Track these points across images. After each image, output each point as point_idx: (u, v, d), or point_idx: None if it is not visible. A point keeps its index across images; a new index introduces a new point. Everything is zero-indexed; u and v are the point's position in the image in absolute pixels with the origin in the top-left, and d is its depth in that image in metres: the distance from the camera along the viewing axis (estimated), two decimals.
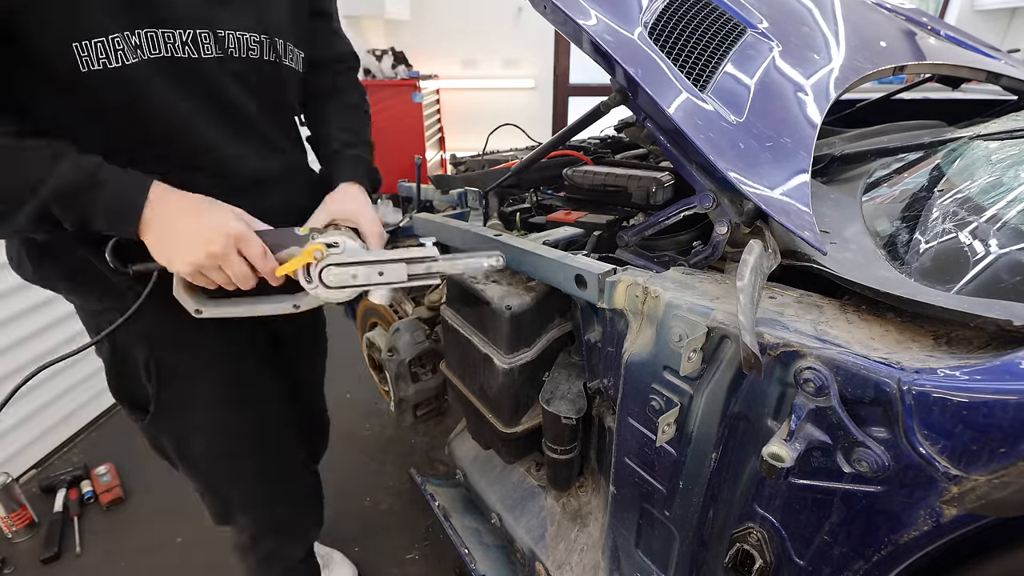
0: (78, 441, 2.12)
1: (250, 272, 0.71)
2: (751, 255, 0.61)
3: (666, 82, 0.75)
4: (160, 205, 0.67)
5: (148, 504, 1.81)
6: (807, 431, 0.53)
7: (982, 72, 1.25)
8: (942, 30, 1.35)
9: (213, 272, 0.70)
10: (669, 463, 0.72)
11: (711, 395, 0.64)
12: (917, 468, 0.49)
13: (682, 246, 0.86)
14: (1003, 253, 0.61)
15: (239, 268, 0.70)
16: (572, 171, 1.13)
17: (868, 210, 0.84)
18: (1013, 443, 0.44)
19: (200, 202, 0.70)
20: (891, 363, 0.50)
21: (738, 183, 0.67)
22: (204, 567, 1.58)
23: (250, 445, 0.95)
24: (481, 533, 1.22)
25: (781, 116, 0.81)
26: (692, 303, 0.64)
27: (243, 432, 0.94)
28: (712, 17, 0.88)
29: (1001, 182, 0.73)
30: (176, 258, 0.68)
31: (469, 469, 1.25)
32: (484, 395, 0.99)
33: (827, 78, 0.91)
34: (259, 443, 0.97)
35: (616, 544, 0.89)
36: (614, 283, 0.74)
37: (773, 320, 0.60)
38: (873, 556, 0.54)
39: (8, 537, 1.67)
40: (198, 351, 0.86)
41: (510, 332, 0.88)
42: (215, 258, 0.68)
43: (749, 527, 0.66)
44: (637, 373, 0.72)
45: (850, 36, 1.04)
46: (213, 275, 0.70)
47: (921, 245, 0.69)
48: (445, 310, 1.06)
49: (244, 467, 0.96)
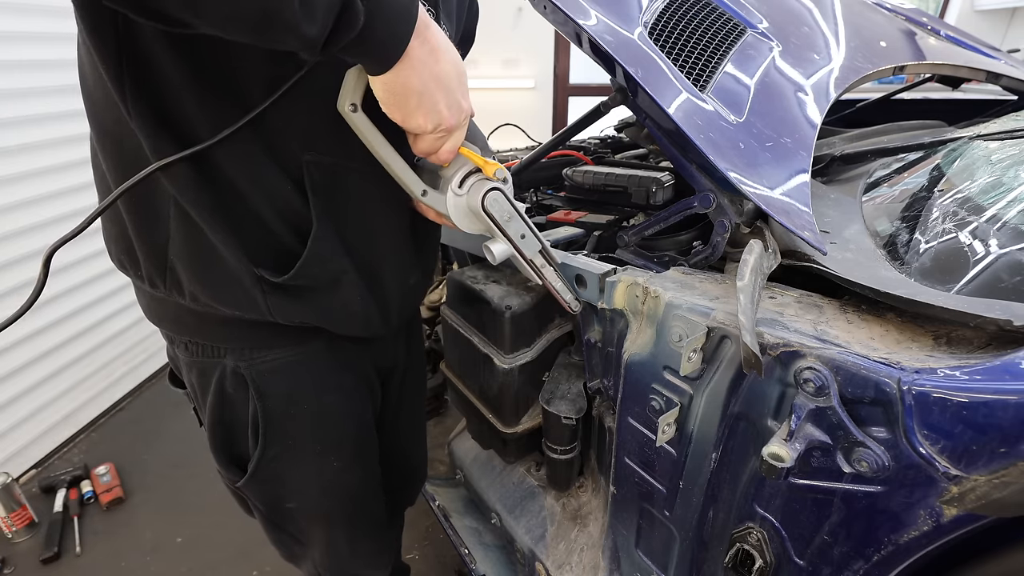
0: (78, 441, 2.12)
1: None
2: (751, 255, 0.61)
3: (666, 82, 0.75)
4: (425, 29, 0.52)
5: (148, 504, 1.81)
6: (807, 431, 0.53)
7: (982, 72, 1.25)
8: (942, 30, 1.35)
9: (434, 138, 0.59)
10: (669, 463, 0.72)
11: (711, 395, 0.64)
12: (917, 468, 0.49)
13: (682, 246, 0.86)
14: (1003, 253, 0.61)
15: (455, 143, 0.61)
16: (572, 171, 1.12)
17: (868, 210, 0.84)
18: (1013, 443, 0.43)
19: (452, 47, 0.57)
20: (891, 363, 0.50)
21: (738, 183, 0.67)
22: (204, 567, 1.58)
23: (347, 510, 0.87)
24: (481, 533, 1.22)
25: (781, 116, 0.81)
26: (692, 303, 0.64)
27: (343, 496, 0.85)
28: (712, 17, 0.88)
29: (1001, 182, 0.73)
30: (428, 107, 0.55)
31: (469, 469, 1.25)
32: (484, 395, 0.99)
33: (827, 78, 0.91)
34: (356, 507, 0.88)
35: (616, 544, 0.89)
36: (614, 283, 0.74)
37: (773, 320, 0.60)
38: (873, 556, 0.54)
39: (8, 537, 1.67)
40: (310, 407, 0.77)
41: (510, 332, 0.88)
42: (451, 128, 0.58)
43: (749, 527, 0.66)
44: (637, 373, 0.72)
45: (850, 36, 1.04)
46: (430, 141, 0.59)
47: (921, 245, 0.69)
48: (445, 310, 1.05)
49: (336, 534, 0.88)
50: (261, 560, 1.58)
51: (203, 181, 0.58)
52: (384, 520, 0.97)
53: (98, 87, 0.57)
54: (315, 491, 0.81)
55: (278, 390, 0.73)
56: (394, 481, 1.00)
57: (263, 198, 0.61)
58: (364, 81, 0.56)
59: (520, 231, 0.72)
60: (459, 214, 0.69)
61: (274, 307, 0.65)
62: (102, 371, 2.21)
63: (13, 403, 1.84)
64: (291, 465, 0.78)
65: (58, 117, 1.89)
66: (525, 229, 0.72)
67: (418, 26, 0.50)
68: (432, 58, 0.53)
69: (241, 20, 0.43)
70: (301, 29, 0.43)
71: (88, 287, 2.09)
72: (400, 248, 0.75)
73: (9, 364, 1.80)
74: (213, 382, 0.72)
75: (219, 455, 0.78)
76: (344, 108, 0.58)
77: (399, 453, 1.01)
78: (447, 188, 0.67)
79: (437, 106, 0.56)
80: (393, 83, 0.53)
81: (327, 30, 0.45)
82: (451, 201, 0.67)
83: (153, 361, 2.51)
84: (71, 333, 2.02)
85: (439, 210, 0.68)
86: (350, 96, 0.57)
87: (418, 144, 0.61)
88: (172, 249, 0.62)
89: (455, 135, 0.61)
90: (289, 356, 0.72)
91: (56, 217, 1.91)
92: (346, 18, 0.45)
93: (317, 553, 0.90)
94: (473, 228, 0.71)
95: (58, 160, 1.91)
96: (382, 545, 1.02)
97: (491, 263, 0.73)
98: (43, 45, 1.83)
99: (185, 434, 2.13)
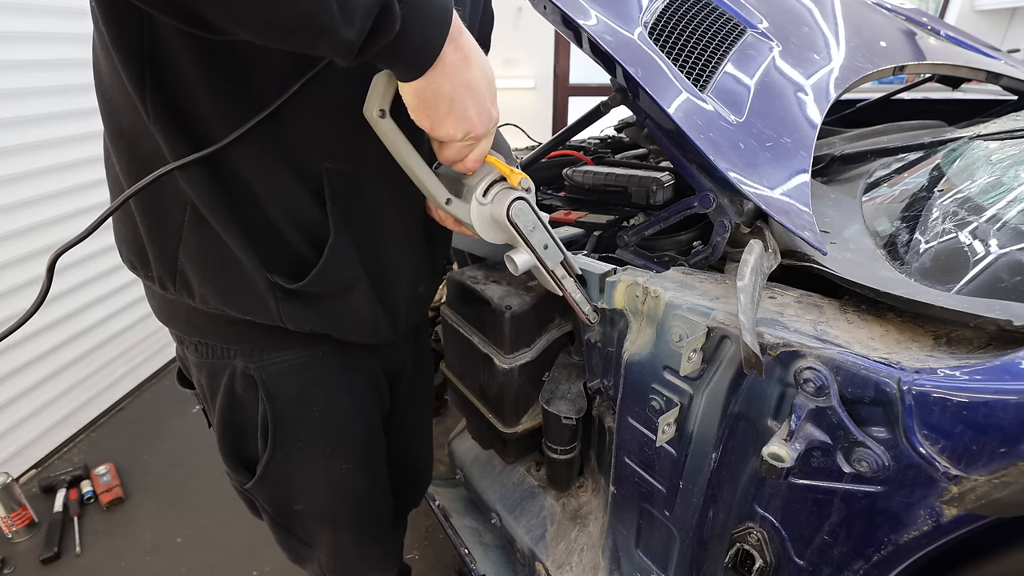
0: (78, 441, 2.12)
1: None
2: (751, 255, 0.61)
3: (666, 82, 0.75)
4: (459, 35, 0.51)
5: (148, 504, 1.81)
6: (807, 431, 0.53)
7: (982, 72, 1.25)
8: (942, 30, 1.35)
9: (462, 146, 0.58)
10: (669, 463, 0.72)
11: (711, 395, 0.64)
12: (917, 468, 0.49)
13: (682, 246, 0.86)
14: (1003, 253, 0.61)
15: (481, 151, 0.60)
16: (572, 171, 1.12)
17: (868, 210, 0.84)
18: (1013, 443, 0.43)
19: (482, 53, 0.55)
20: (891, 363, 0.50)
21: (738, 183, 0.67)
22: (204, 567, 1.58)
23: (355, 512, 0.87)
24: (481, 533, 1.22)
25: (781, 116, 0.81)
26: (692, 303, 0.64)
27: (351, 498, 0.85)
28: (712, 17, 0.88)
29: (1001, 182, 0.73)
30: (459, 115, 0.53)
31: (469, 469, 1.25)
32: (484, 395, 0.99)
33: (827, 78, 0.91)
34: (364, 509, 0.88)
35: (616, 544, 0.89)
36: (614, 283, 0.74)
37: (773, 320, 0.60)
38: (873, 556, 0.54)
39: (8, 537, 1.67)
40: (319, 409, 0.76)
41: (510, 332, 0.88)
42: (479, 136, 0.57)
43: (749, 527, 0.66)
44: (637, 373, 0.72)
45: (850, 36, 1.04)
46: (457, 149, 0.58)
47: (921, 245, 0.69)
48: (445, 310, 1.06)
49: (343, 536, 0.88)
50: (262, 560, 1.58)
51: (220, 185, 0.58)
52: (391, 523, 0.97)
53: (116, 88, 0.57)
54: (323, 493, 0.81)
55: (288, 392, 0.73)
56: (400, 483, 1.00)
57: (279, 204, 0.61)
58: (393, 86, 0.55)
59: (544, 241, 0.69)
60: (482, 223, 0.67)
61: (286, 314, 0.65)
62: (102, 371, 2.21)
63: (13, 403, 1.84)
64: (300, 467, 0.78)
65: (58, 117, 1.89)
66: (548, 239, 0.70)
67: (452, 31, 0.49)
68: (464, 64, 0.52)
69: (279, 25, 0.42)
70: (339, 34, 0.42)
71: (88, 287, 2.09)
72: (412, 256, 0.75)
73: (9, 364, 1.80)
74: (223, 383, 0.72)
75: (228, 457, 0.78)
76: (372, 114, 0.56)
77: (406, 455, 1.01)
78: (471, 197, 0.64)
79: (467, 113, 0.54)
80: (424, 90, 0.51)
81: (364, 34, 0.44)
82: (475, 210, 0.65)
83: (153, 361, 2.51)
84: (71, 333, 2.02)
85: (461, 219, 0.66)
86: (379, 102, 0.55)
87: (444, 152, 0.59)
88: (183, 252, 0.62)
89: (483, 143, 0.59)
90: (299, 358, 0.72)
91: (57, 217, 1.91)
92: (383, 22, 0.44)
93: (323, 555, 0.90)
94: (496, 238, 0.69)
95: (58, 160, 1.91)
96: (387, 548, 1.02)
97: (512, 273, 0.71)
98: (43, 45, 1.83)
99: (185, 434, 2.13)
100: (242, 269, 0.62)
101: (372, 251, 0.69)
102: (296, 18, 0.41)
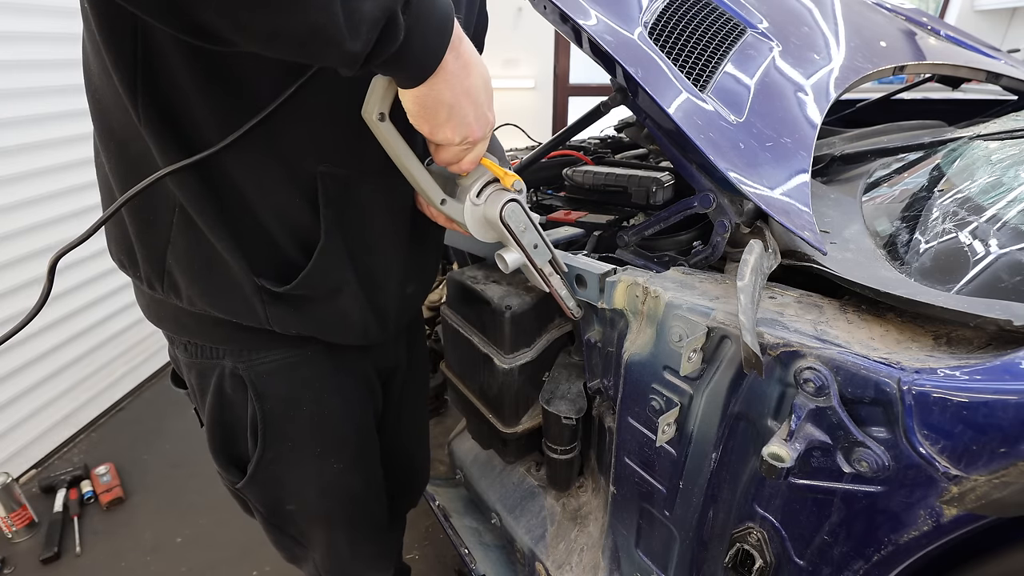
0: (78, 441, 2.12)
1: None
2: (751, 255, 0.61)
3: (666, 82, 0.75)
4: (460, 42, 0.52)
5: (148, 504, 1.81)
6: (807, 431, 0.53)
7: (982, 72, 1.25)
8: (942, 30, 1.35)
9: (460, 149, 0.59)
10: (669, 463, 0.72)
11: (711, 395, 0.64)
12: (917, 468, 0.49)
13: (682, 246, 0.86)
14: (1003, 253, 0.61)
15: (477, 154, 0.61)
16: (572, 171, 1.12)
17: (868, 210, 0.84)
18: (1013, 443, 0.43)
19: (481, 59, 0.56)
20: (891, 363, 0.50)
21: (738, 183, 0.67)
22: (204, 567, 1.58)
23: (348, 512, 0.87)
24: (481, 533, 1.22)
25: (781, 116, 0.81)
26: (692, 303, 0.64)
27: (343, 498, 0.85)
28: (712, 17, 0.88)
29: (1001, 182, 0.73)
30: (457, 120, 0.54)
31: (469, 469, 1.25)
32: (484, 395, 0.99)
33: (827, 78, 0.91)
34: (357, 509, 0.88)
35: (616, 544, 0.89)
36: (614, 283, 0.74)
37: (773, 320, 0.60)
38: (873, 556, 0.54)
39: (8, 537, 1.67)
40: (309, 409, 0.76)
41: (510, 332, 0.88)
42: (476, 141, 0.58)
43: (749, 527, 0.66)
44: (637, 373, 0.72)
45: (850, 36, 1.04)
46: (454, 152, 0.59)
47: (921, 245, 0.69)
48: (445, 310, 1.05)
49: (337, 536, 0.88)
50: (261, 560, 1.58)
51: (210, 188, 0.58)
52: (386, 522, 0.97)
53: (106, 88, 0.57)
54: (315, 493, 0.81)
55: (277, 392, 0.73)
56: (396, 483, 1.00)
57: (270, 208, 0.61)
58: (393, 90, 0.55)
59: (533, 241, 0.72)
60: (475, 223, 0.69)
61: (273, 317, 0.65)
62: (102, 371, 2.21)
63: (13, 403, 1.84)
64: (290, 467, 0.78)
65: (58, 117, 1.89)
66: (538, 239, 0.73)
67: (452, 40, 0.50)
68: (464, 72, 0.53)
69: (288, 38, 0.42)
70: (345, 46, 0.42)
71: (88, 287, 2.09)
72: (401, 256, 0.75)
73: (9, 364, 1.80)
74: (212, 383, 0.72)
75: (218, 456, 0.78)
76: (371, 117, 0.56)
77: (402, 454, 1.01)
78: (464, 197, 0.66)
79: (466, 119, 0.55)
80: (425, 96, 0.52)
81: (370, 46, 0.44)
82: (468, 210, 0.67)
83: (153, 361, 2.51)
84: (71, 333, 2.02)
85: (455, 218, 0.68)
86: (378, 105, 0.56)
87: (441, 154, 0.60)
88: (171, 254, 0.62)
89: (479, 147, 0.60)
90: (288, 358, 0.72)
91: (57, 217, 1.91)
92: (388, 33, 0.44)
93: (318, 555, 0.90)
94: (487, 237, 0.71)
95: (58, 160, 1.91)
96: (383, 548, 1.02)
97: (502, 270, 0.74)
98: (43, 45, 1.83)
99: (185, 434, 2.13)
100: (229, 271, 0.62)
101: (362, 253, 0.69)
102: (304, 31, 0.41)
